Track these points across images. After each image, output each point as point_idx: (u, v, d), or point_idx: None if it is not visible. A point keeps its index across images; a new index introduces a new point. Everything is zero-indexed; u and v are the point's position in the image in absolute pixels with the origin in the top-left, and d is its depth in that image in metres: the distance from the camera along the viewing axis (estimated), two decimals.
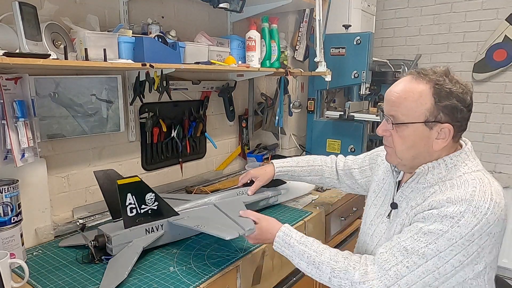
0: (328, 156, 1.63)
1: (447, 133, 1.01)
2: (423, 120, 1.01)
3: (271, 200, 1.72)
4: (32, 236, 1.39)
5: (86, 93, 1.54)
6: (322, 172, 1.58)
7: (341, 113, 2.54)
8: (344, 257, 1.05)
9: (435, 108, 0.99)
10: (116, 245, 1.23)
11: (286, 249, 1.14)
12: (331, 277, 1.04)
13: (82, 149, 1.60)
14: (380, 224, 1.19)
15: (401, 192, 1.12)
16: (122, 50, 1.46)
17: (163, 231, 1.33)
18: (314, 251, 1.09)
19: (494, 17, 3.08)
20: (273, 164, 1.61)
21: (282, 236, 1.16)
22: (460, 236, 0.92)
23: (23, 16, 1.08)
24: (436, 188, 1.02)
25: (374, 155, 1.43)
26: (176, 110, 1.96)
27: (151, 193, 1.30)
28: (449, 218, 0.94)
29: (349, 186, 1.55)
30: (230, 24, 2.24)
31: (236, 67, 1.88)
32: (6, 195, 1.19)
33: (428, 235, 0.95)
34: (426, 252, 0.95)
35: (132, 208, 1.26)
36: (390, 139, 1.08)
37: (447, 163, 1.04)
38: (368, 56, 2.44)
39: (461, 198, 0.95)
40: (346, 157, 1.58)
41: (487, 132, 3.16)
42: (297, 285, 1.60)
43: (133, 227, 1.26)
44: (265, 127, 2.48)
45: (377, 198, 1.26)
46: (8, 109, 1.21)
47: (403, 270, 0.96)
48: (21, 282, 1.13)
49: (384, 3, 3.51)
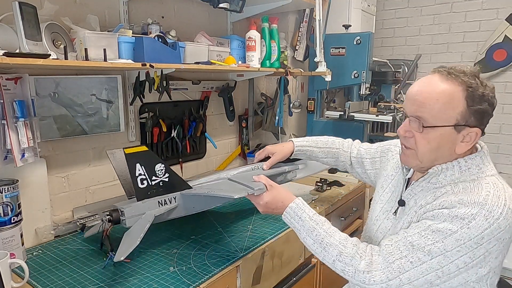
0: (346, 140, 1.60)
1: (473, 137, 0.98)
2: (453, 124, 0.97)
3: (289, 176, 1.66)
4: (32, 236, 1.39)
5: (86, 93, 1.54)
6: (338, 155, 1.56)
7: (341, 113, 2.54)
8: (353, 243, 1.04)
9: (467, 112, 0.96)
10: (129, 216, 1.22)
11: (295, 222, 1.11)
12: (336, 260, 1.03)
13: (82, 149, 1.60)
14: (386, 221, 1.18)
15: (410, 190, 1.11)
16: (122, 50, 1.46)
17: (176, 203, 1.32)
18: (324, 231, 1.07)
19: (494, 17, 3.08)
20: (293, 142, 1.58)
21: (295, 208, 1.12)
22: (468, 238, 0.91)
23: (23, 16, 1.08)
24: (448, 189, 1.00)
25: (386, 148, 1.40)
26: (176, 110, 1.96)
27: (161, 163, 1.28)
28: (459, 219, 0.92)
29: (359, 174, 1.53)
30: (230, 24, 2.24)
31: (236, 67, 1.88)
32: (6, 195, 1.19)
33: (436, 233, 0.94)
34: (432, 249, 0.94)
35: (142, 179, 1.24)
36: (412, 141, 1.04)
37: (461, 165, 1.01)
38: (368, 56, 2.45)
39: (474, 200, 0.93)
40: (361, 144, 1.55)
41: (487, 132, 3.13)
42: (297, 285, 1.60)
43: (145, 200, 1.25)
44: (265, 127, 2.48)
45: (384, 194, 1.24)
46: (8, 109, 1.21)
47: (407, 265, 0.96)
48: (21, 282, 1.13)
49: (384, 3, 3.52)
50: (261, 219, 1.62)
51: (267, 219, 1.62)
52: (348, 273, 1.01)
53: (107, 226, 1.24)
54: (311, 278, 1.73)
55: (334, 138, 1.62)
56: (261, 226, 1.54)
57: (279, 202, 1.14)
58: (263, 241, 1.41)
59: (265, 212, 1.18)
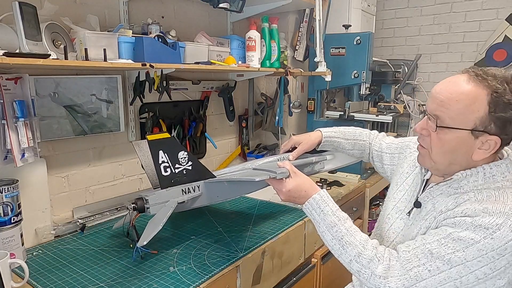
0: (372, 132, 1.55)
1: (492, 145, 0.94)
2: (470, 128, 0.93)
3: (316, 167, 1.57)
4: (32, 236, 1.39)
5: (86, 93, 1.55)
6: (365, 147, 1.52)
7: (341, 113, 2.54)
8: (373, 246, 1.01)
9: (487, 118, 0.91)
10: (153, 204, 1.22)
11: (317, 214, 1.07)
12: (353, 261, 1.00)
13: (82, 149, 1.60)
14: (398, 220, 1.15)
15: (429, 193, 1.06)
16: (122, 50, 1.46)
17: (200, 192, 1.31)
18: (346, 228, 1.03)
19: (494, 17, 3.08)
20: (321, 132, 1.51)
21: (318, 199, 1.08)
22: (491, 249, 0.88)
23: (23, 16, 1.08)
24: (471, 195, 0.96)
25: (405, 144, 1.36)
26: (176, 110, 1.96)
27: (184, 151, 1.28)
28: (483, 229, 0.88)
29: (377, 168, 1.50)
30: (230, 24, 2.24)
31: (236, 67, 1.88)
32: (6, 195, 1.19)
33: (457, 242, 0.90)
34: (452, 259, 0.90)
35: (166, 167, 1.24)
36: (427, 140, 1.01)
37: (485, 171, 0.97)
38: (368, 56, 2.45)
39: (500, 210, 0.89)
40: (385, 138, 1.50)
41: None
42: (297, 285, 1.60)
43: (169, 188, 1.25)
44: (265, 127, 2.48)
45: (397, 192, 1.21)
46: (8, 109, 1.21)
47: (424, 273, 0.93)
48: (21, 282, 1.13)
49: (384, 3, 3.52)
50: (261, 219, 1.62)
51: (267, 219, 1.62)
52: (364, 276, 0.99)
53: (133, 215, 1.25)
54: (311, 278, 1.73)
55: (361, 129, 1.56)
56: (261, 226, 1.54)
57: (302, 191, 1.10)
58: (263, 241, 1.41)
59: (286, 200, 1.14)
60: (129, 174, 1.80)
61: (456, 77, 0.97)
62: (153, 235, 1.10)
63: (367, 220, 2.48)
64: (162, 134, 1.23)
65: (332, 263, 1.80)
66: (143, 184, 1.86)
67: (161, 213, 1.20)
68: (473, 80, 0.93)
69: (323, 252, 1.78)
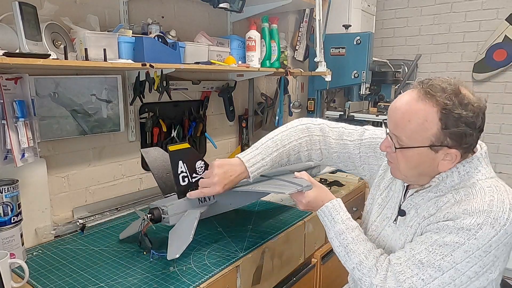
0: (310, 128, 1.36)
1: (453, 157, 0.96)
2: (427, 145, 0.96)
3: (313, 171, 1.65)
4: (32, 236, 1.39)
5: (86, 93, 1.54)
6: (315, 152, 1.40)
7: (341, 113, 2.55)
8: (375, 256, 1.04)
9: (441, 134, 0.94)
10: (172, 214, 1.22)
11: (328, 221, 1.12)
12: (355, 268, 1.04)
13: (82, 149, 1.60)
14: (387, 228, 1.17)
15: (410, 200, 1.09)
16: (122, 50, 1.46)
17: (215, 200, 1.33)
18: (352, 237, 1.07)
19: (494, 17, 3.08)
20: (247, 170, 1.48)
21: (331, 207, 1.13)
22: (476, 248, 0.91)
23: (23, 16, 1.08)
24: (449, 197, 0.99)
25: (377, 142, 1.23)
26: (176, 110, 1.96)
27: (201, 161, 1.29)
28: (465, 231, 0.91)
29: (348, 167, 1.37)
30: (230, 24, 2.24)
31: (236, 67, 1.88)
32: (6, 195, 1.19)
33: (444, 247, 0.93)
34: (442, 264, 0.93)
35: (184, 176, 1.25)
36: (394, 156, 1.04)
37: (459, 170, 1.00)
38: (368, 56, 2.45)
39: (479, 209, 0.92)
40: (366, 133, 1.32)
41: (487, 132, 3.16)
42: (297, 285, 1.60)
43: (186, 198, 1.26)
44: (265, 127, 2.48)
45: (381, 197, 1.22)
46: (8, 109, 1.21)
47: (419, 283, 0.95)
48: (21, 282, 1.12)
49: (384, 3, 3.52)
50: (261, 219, 1.62)
51: (267, 219, 1.62)
52: (364, 284, 1.02)
53: (144, 224, 1.26)
54: (311, 278, 1.73)
55: (286, 131, 1.31)
56: (261, 226, 1.54)
57: (319, 201, 1.15)
58: (263, 241, 1.41)
59: (304, 209, 1.19)
60: (129, 174, 1.80)
61: (408, 94, 0.98)
62: (184, 248, 1.12)
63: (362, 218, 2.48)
64: (183, 144, 1.24)
65: (332, 263, 1.80)
66: (143, 184, 1.86)
67: (185, 224, 1.21)
68: (422, 98, 0.94)
69: (323, 252, 1.78)
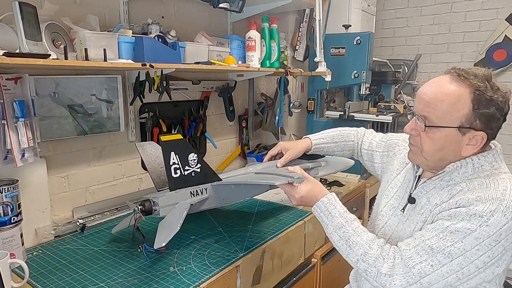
0: (359, 129, 1.59)
1: (479, 141, 0.98)
2: (457, 125, 0.97)
3: (311, 172, 1.62)
4: (32, 236, 1.39)
5: (86, 93, 1.54)
6: (354, 147, 1.56)
7: (341, 113, 2.54)
8: (379, 245, 1.03)
9: (472, 115, 0.96)
10: (162, 205, 1.22)
11: (325, 216, 1.11)
12: (360, 260, 1.03)
13: (82, 149, 1.60)
14: (393, 217, 1.17)
15: (422, 188, 1.10)
16: (122, 50, 1.46)
17: (207, 194, 1.32)
18: (352, 229, 1.06)
19: (494, 17, 3.08)
20: (310, 139, 1.56)
21: (327, 202, 1.12)
22: (487, 235, 0.91)
23: (23, 16, 1.08)
24: (463, 186, 1.00)
25: (394, 142, 1.40)
26: (176, 110, 1.96)
27: (194, 153, 1.28)
28: (477, 217, 0.92)
29: (367, 165, 1.53)
30: (230, 24, 2.24)
31: (236, 67, 1.88)
32: (6, 195, 1.19)
33: (455, 234, 0.93)
34: (452, 251, 0.93)
35: (176, 168, 1.24)
36: (417, 139, 1.05)
37: (474, 162, 1.01)
38: (368, 56, 2.45)
39: (492, 196, 0.93)
40: (373, 135, 1.53)
41: None
42: (297, 285, 1.60)
43: (178, 190, 1.26)
44: (265, 127, 2.48)
45: (388, 189, 1.24)
46: (8, 109, 1.21)
47: (427, 269, 0.95)
48: (21, 282, 1.12)
49: (384, 3, 3.52)
50: (261, 219, 1.62)
51: (267, 219, 1.62)
52: (371, 274, 1.01)
53: (136, 217, 1.24)
54: (311, 278, 1.73)
55: (349, 129, 1.60)
56: (261, 226, 1.54)
57: (313, 196, 1.14)
58: (263, 241, 1.41)
59: (297, 204, 1.18)
60: (129, 174, 1.80)
61: (440, 78, 1.02)
62: (171, 236, 1.10)
63: (367, 220, 2.48)
64: (175, 135, 1.23)
65: (332, 263, 1.80)
66: (143, 184, 1.86)
67: (175, 215, 1.20)
68: (456, 80, 0.98)
69: (323, 252, 1.78)
